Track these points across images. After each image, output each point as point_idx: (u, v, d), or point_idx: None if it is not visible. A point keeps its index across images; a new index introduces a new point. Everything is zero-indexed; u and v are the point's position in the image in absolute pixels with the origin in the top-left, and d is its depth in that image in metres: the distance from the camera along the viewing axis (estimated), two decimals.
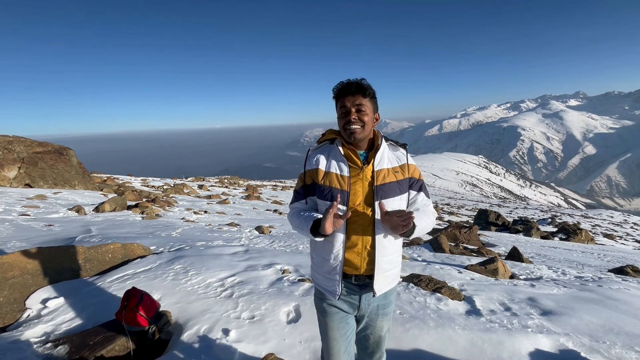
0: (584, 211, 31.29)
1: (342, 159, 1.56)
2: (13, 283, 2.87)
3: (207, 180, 28.37)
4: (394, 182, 1.54)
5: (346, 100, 1.50)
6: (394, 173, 1.55)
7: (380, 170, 1.53)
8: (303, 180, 1.64)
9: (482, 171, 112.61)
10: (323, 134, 1.68)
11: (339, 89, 1.53)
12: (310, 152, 1.65)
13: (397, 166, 1.58)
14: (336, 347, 1.60)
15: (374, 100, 1.56)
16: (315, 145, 1.67)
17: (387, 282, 1.57)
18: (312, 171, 1.60)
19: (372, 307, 1.60)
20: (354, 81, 1.51)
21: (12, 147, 11.70)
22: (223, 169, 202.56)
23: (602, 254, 8.17)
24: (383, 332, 1.66)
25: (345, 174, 1.53)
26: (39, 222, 6.44)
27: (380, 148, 1.56)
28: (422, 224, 1.50)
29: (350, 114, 1.49)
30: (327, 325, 1.60)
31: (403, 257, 5.08)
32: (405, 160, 1.61)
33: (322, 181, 1.55)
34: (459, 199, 42.53)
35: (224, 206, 12.97)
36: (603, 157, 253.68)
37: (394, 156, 1.61)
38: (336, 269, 1.53)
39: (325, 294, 1.61)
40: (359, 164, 1.54)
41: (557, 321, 2.77)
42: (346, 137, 1.54)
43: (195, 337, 2.43)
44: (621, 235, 15.48)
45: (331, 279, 1.56)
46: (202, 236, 6.07)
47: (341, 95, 1.52)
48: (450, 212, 23.42)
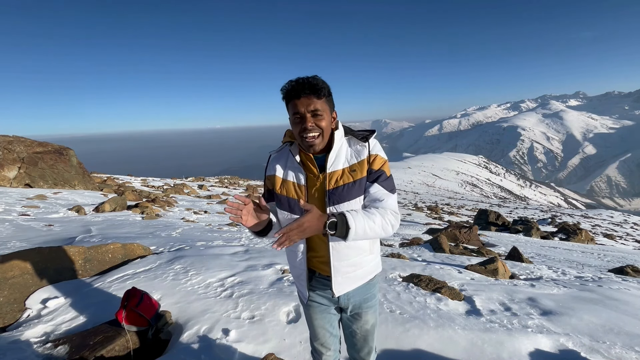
0: (584, 211, 31.30)
1: (298, 167, 1.46)
2: (13, 283, 2.87)
3: (207, 180, 28.38)
4: (349, 184, 1.39)
5: (299, 104, 1.33)
6: (350, 173, 1.41)
7: (333, 173, 1.41)
8: (265, 185, 1.58)
9: (482, 171, 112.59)
10: (285, 134, 1.56)
11: (288, 89, 1.35)
12: (271, 157, 1.57)
13: (355, 163, 1.42)
14: (321, 332, 1.64)
15: (330, 99, 1.41)
16: (277, 148, 1.58)
17: (350, 282, 1.51)
18: (270, 177, 1.53)
19: (355, 300, 1.56)
20: (305, 80, 1.33)
21: (12, 147, 11.70)
22: (223, 169, 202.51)
23: (602, 254, 8.17)
24: (369, 326, 1.62)
25: (302, 183, 1.45)
26: (39, 222, 6.44)
27: (334, 148, 1.42)
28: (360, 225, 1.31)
29: (305, 121, 1.34)
30: (311, 315, 1.64)
31: (403, 257, 5.08)
32: (366, 154, 1.43)
33: (280, 190, 1.48)
34: (459, 199, 42.53)
35: (224, 206, 12.98)
36: (603, 157, 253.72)
37: (353, 152, 1.45)
38: (302, 275, 1.54)
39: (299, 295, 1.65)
40: (315, 172, 1.43)
41: (557, 321, 2.77)
42: (303, 146, 1.41)
43: (195, 337, 2.43)
44: (621, 235, 15.49)
45: (300, 283, 1.59)
46: (202, 236, 6.07)
47: (292, 97, 1.34)
48: (450, 212, 23.42)
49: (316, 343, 1.68)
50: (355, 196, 1.40)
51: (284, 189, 1.47)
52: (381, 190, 1.42)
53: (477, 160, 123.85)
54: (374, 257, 1.57)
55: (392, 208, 1.42)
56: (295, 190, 1.45)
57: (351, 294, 1.55)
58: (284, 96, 1.38)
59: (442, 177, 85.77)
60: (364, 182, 1.42)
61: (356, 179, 1.41)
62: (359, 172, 1.42)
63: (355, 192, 1.40)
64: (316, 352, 1.71)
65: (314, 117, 1.35)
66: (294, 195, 1.45)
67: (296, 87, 1.33)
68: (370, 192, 1.42)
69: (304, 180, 1.45)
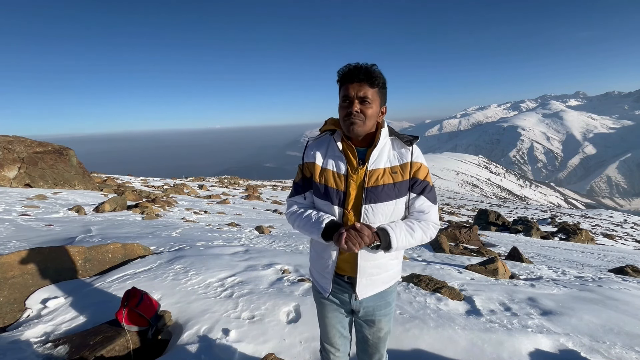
0: (584, 211, 31.30)
1: (339, 155, 1.44)
2: (13, 283, 2.87)
3: (207, 180, 28.38)
4: (389, 185, 1.38)
5: (350, 88, 1.32)
6: (391, 174, 1.39)
7: (374, 171, 1.39)
8: (302, 173, 1.54)
9: (482, 171, 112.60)
10: (325, 122, 1.53)
11: (344, 72, 1.34)
12: (309, 144, 1.53)
13: (397, 165, 1.41)
14: (332, 331, 1.63)
15: (383, 92, 1.39)
16: (315, 136, 1.55)
17: (373, 285, 1.49)
18: (309, 164, 1.50)
19: (368, 307, 1.54)
20: (362, 66, 1.31)
21: (12, 147, 11.70)
22: (223, 169, 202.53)
23: (602, 254, 8.17)
24: (382, 334, 1.59)
25: (343, 172, 1.42)
26: (39, 222, 6.44)
27: (379, 145, 1.40)
28: (402, 242, 1.35)
29: (352, 105, 1.33)
30: (323, 313, 1.62)
31: (403, 257, 5.08)
32: (409, 159, 1.42)
33: (319, 178, 1.46)
34: (459, 199, 42.52)
35: (224, 206, 12.97)
36: (603, 157, 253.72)
37: (396, 154, 1.44)
38: (329, 267, 1.51)
39: (318, 289, 1.62)
40: (355, 165, 1.41)
41: (557, 321, 2.77)
42: (344, 129, 1.39)
43: (195, 337, 2.43)
44: (621, 235, 15.49)
45: (324, 276, 1.55)
46: (202, 236, 6.06)
47: (346, 80, 1.34)
48: (450, 212, 23.41)
49: (326, 342, 1.67)
50: (393, 198, 1.39)
51: (322, 178, 1.45)
52: (427, 202, 1.43)
53: (477, 160, 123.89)
54: (398, 262, 1.56)
55: (434, 220, 1.45)
56: (334, 179, 1.42)
57: (363, 300, 1.53)
58: (338, 79, 1.37)
59: (442, 177, 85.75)
60: (404, 186, 1.41)
61: (396, 182, 1.39)
62: (399, 175, 1.40)
63: (394, 195, 1.39)
64: (325, 352, 1.69)
65: (362, 104, 1.33)
66: (332, 185, 1.42)
67: (352, 71, 1.32)
68: (416, 204, 1.43)
69: (344, 169, 1.42)
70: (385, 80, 1.38)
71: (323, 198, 1.44)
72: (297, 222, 1.51)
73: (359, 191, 1.40)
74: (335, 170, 1.43)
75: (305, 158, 1.52)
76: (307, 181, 1.52)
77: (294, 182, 1.59)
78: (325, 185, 1.44)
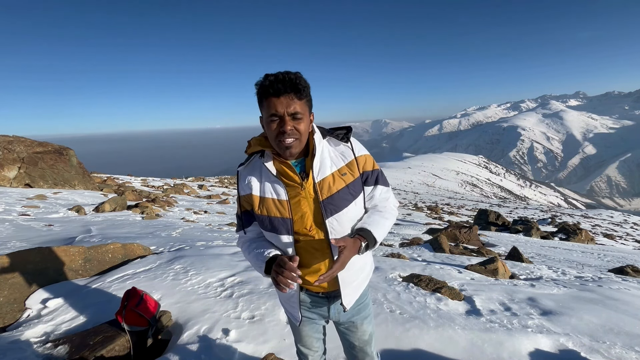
0: (584, 211, 31.31)
1: (275, 179, 1.29)
2: (13, 283, 2.87)
3: (207, 180, 28.38)
4: (343, 189, 1.28)
5: (278, 104, 1.16)
6: (341, 176, 1.29)
7: (323, 180, 1.27)
8: (241, 205, 1.39)
9: (482, 171, 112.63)
10: (249, 143, 1.36)
11: (265, 86, 1.17)
12: (240, 173, 1.37)
13: (344, 165, 1.31)
14: (309, 340, 1.58)
15: (310, 100, 1.25)
16: (243, 161, 1.37)
17: (356, 291, 1.44)
18: (247, 197, 1.35)
19: (347, 314, 1.48)
20: (287, 77, 1.15)
21: (12, 147, 11.70)
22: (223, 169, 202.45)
23: (602, 254, 8.17)
24: (367, 337, 1.55)
25: (284, 198, 1.28)
26: (39, 222, 6.45)
27: (317, 153, 1.28)
28: (381, 231, 1.31)
29: (285, 124, 1.17)
30: (298, 327, 1.55)
31: (403, 257, 5.08)
32: (352, 155, 1.33)
33: (259, 210, 1.32)
34: (459, 199, 42.53)
35: (224, 206, 12.97)
36: (603, 157, 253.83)
37: (338, 153, 1.33)
38: (293, 297, 1.43)
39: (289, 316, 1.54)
40: (297, 180, 1.27)
41: (557, 321, 2.77)
42: (280, 151, 1.25)
43: (195, 337, 2.43)
44: (621, 235, 15.49)
45: (291, 305, 1.47)
46: (202, 236, 6.07)
47: (269, 94, 1.16)
48: (450, 212, 23.42)
49: (301, 346, 1.63)
50: (350, 201, 1.31)
51: (264, 209, 1.31)
52: (384, 188, 1.41)
53: (477, 160, 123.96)
54: (368, 261, 1.51)
55: (394, 202, 1.46)
56: (276, 207, 1.29)
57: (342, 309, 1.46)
58: (258, 91, 1.20)
59: (442, 177, 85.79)
60: (357, 184, 1.33)
61: (348, 183, 1.31)
62: (349, 175, 1.31)
63: (350, 196, 1.31)
64: (302, 355, 1.66)
65: (294, 120, 1.19)
66: (276, 214, 1.29)
67: (276, 83, 1.15)
68: (375, 194, 1.39)
69: (284, 194, 1.28)
70: (309, 87, 1.24)
71: (269, 230, 1.32)
72: (246, 257, 1.42)
73: (315, 206, 1.28)
74: (275, 197, 1.29)
75: (240, 190, 1.37)
76: (248, 214, 1.39)
77: (236, 215, 1.45)
78: (268, 217, 1.31)
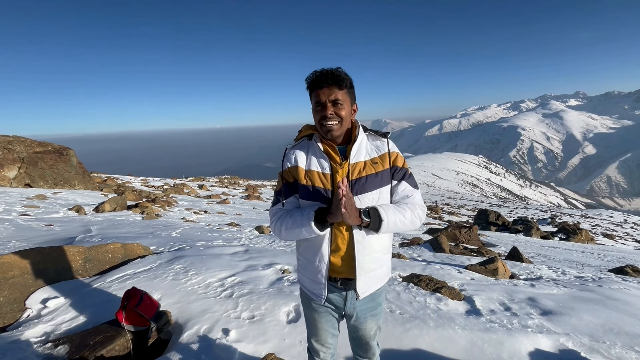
0: (584, 211, 31.29)
1: (322, 155, 1.48)
2: (13, 283, 2.87)
3: (207, 180, 28.38)
4: (371, 175, 1.45)
5: (321, 94, 1.40)
6: (372, 165, 1.47)
7: (356, 164, 1.46)
8: (283, 179, 1.54)
9: (482, 171, 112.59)
10: (300, 130, 1.59)
11: (312, 80, 1.42)
12: (288, 150, 1.56)
13: (377, 157, 1.50)
14: (324, 334, 1.64)
15: (352, 91, 1.47)
16: (292, 143, 1.57)
17: (372, 282, 1.53)
18: (292, 169, 1.51)
19: (360, 310, 1.57)
20: (329, 71, 1.40)
21: (12, 147, 11.70)
22: (223, 169, 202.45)
23: (602, 254, 8.17)
24: (373, 332, 1.64)
25: (327, 171, 1.46)
26: (39, 222, 6.45)
27: (357, 140, 1.48)
28: (392, 218, 1.40)
29: (326, 109, 1.40)
30: (315, 317, 1.63)
31: (403, 257, 5.08)
32: (386, 149, 1.52)
33: (305, 180, 1.48)
34: (459, 199, 42.52)
35: (224, 206, 12.98)
36: (603, 157, 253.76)
37: (373, 147, 1.53)
38: (322, 271, 1.50)
39: (311, 296, 1.59)
40: (338, 160, 1.47)
41: (557, 321, 2.77)
42: (323, 133, 1.46)
43: (195, 337, 2.43)
44: (621, 235, 15.48)
45: (317, 282, 1.53)
46: (202, 236, 6.07)
47: (315, 87, 1.41)
48: (450, 212, 23.40)
49: (315, 341, 1.68)
50: (377, 187, 1.46)
51: (308, 179, 1.47)
52: (409, 187, 1.53)
53: (477, 160, 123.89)
54: (389, 257, 1.61)
55: (420, 203, 1.53)
56: (320, 179, 1.46)
57: (357, 304, 1.55)
58: (308, 86, 1.44)
59: (442, 177, 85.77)
60: (386, 175, 1.49)
61: (378, 171, 1.47)
62: (380, 165, 1.48)
63: (377, 184, 1.46)
64: (314, 351, 1.70)
65: (334, 106, 1.41)
66: (319, 184, 1.45)
67: (320, 77, 1.39)
68: (398, 189, 1.51)
69: (328, 168, 1.47)
70: (352, 80, 1.45)
71: (311, 199, 1.46)
72: (284, 225, 1.47)
73: None
74: (320, 170, 1.47)
75: (286, 164, 1.53)
76: (290, 186, 1.52)
77: (275, 192, 1.60)
78: (312, 186, 1.46)
